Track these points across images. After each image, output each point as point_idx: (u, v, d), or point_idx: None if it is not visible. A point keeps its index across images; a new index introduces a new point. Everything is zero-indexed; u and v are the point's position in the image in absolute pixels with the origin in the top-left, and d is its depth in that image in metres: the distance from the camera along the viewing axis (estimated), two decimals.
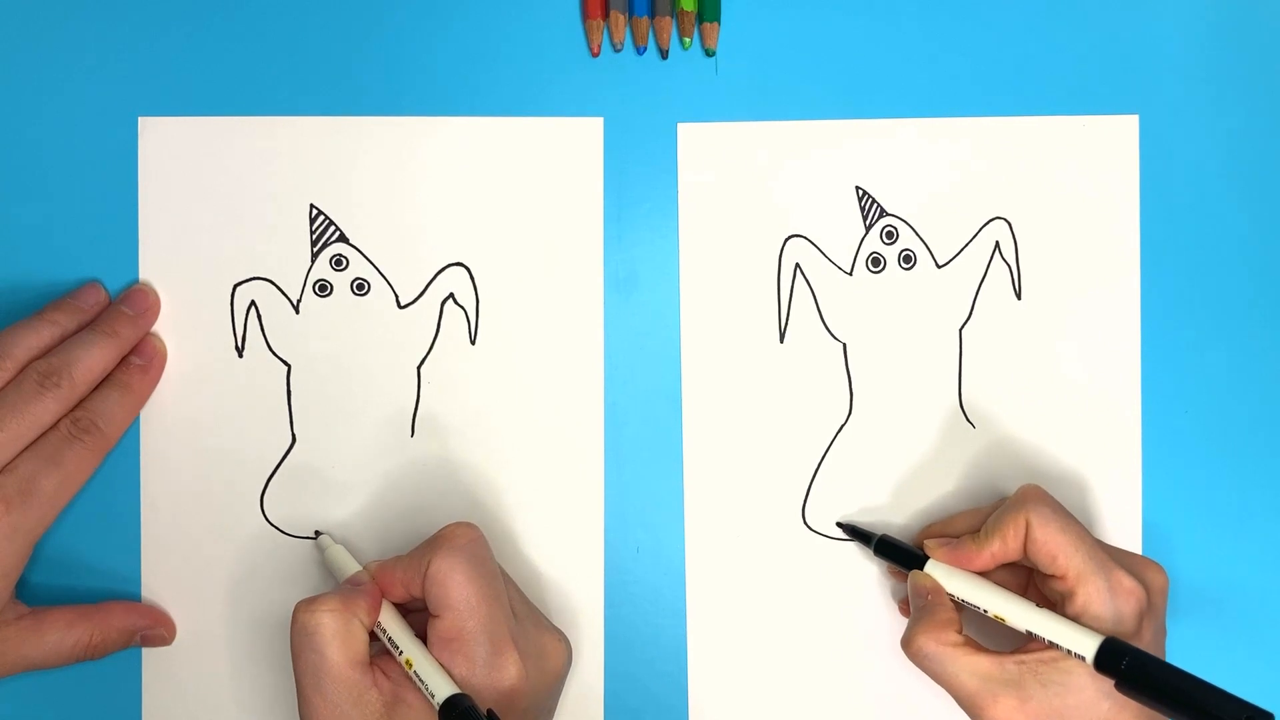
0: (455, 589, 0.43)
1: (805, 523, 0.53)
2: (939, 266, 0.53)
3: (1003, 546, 0.47)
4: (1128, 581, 0.46)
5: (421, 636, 0.45)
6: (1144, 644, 0.45)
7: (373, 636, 0.45)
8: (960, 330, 0.53)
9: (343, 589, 0.45)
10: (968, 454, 0.53)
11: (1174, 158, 0.53)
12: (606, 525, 0.52)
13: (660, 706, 0.52)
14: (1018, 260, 0.53)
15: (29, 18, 0.50)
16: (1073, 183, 0.53)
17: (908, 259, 0.53)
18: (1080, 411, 0.53)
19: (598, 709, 0.52)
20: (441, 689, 0.42)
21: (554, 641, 0.46)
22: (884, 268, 0.53)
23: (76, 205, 0.50)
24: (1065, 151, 0.53)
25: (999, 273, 0.53)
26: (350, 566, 0.48)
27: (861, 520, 0.53)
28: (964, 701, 0.47)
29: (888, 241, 0.53)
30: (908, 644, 0.47)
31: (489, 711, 0.42)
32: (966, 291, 0.53)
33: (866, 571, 0.53)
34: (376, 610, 0.45)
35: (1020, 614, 0.46)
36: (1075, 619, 0.45)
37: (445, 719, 0.42)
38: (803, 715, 0.53)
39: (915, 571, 0.49)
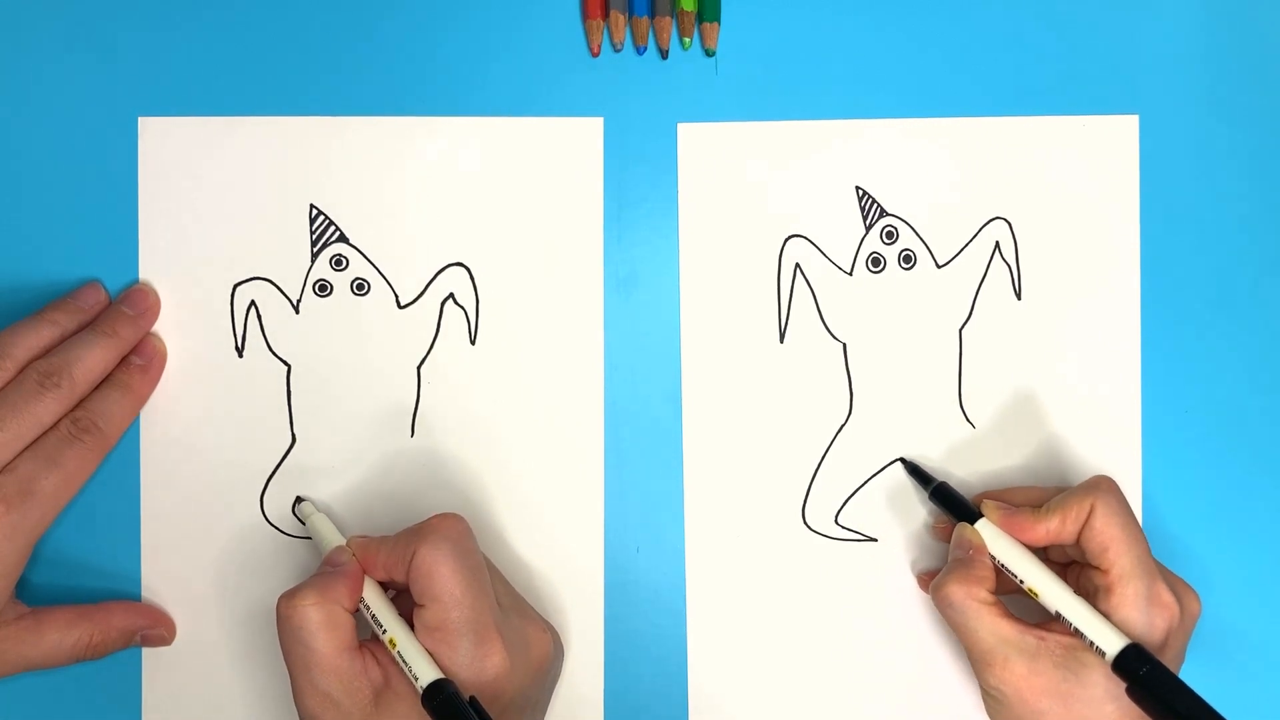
0: (440, 580, 0.44)
1: (805, 523, 0.53)
2: (939, 266, 0.53)
3: (1060, 525, 0.47)
4: (1166, 596, 0.46)
5: (405, 617, 0.45)
6: (1164, 661, 0.45)
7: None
8: (960, 330, 0.53)
9: (322, 574, 0.45)
10: (967, 454, 0.53)
11: (1174, 158, 0.53)
12: (606, 525, 0.52)
13: (660, 706, 0.52)
14: (1018, 260, 0.53)
15: (29, 17, 0.50)
16: (1073, 183, 0.53)
17: (908, 259, 0.53)
18: (1080, 411, 0.53)
19: (598, 709, 0.52)
20: (425, 673, 0.43)
21: (539, 632, 0.46)
22: (884, 268, 0.53)
23: (76, 205, 0.50)
24: (1065, 151, 0.53)
25: (999, 273, 0.53)
26: (332, 538, 0.48)
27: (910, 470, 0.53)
28: (976, 657, 0.47)
29: (888, 241, 0.53)
30: (937, 589, 0.47)
31: (471, 698, 0.42)
32: (966, 291, 0.53)
33: (866, 571, 0.53)
34: (358, 590, 0.45)
35: (1055, 594, 0.46)
36: (1105, 616, 0.45)
37: (428, 703, 0.42)
38: (802, 714, 0.53)
39: (964, 524, 0.49)
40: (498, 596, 0.46)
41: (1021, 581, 0.47)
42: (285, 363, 0.51)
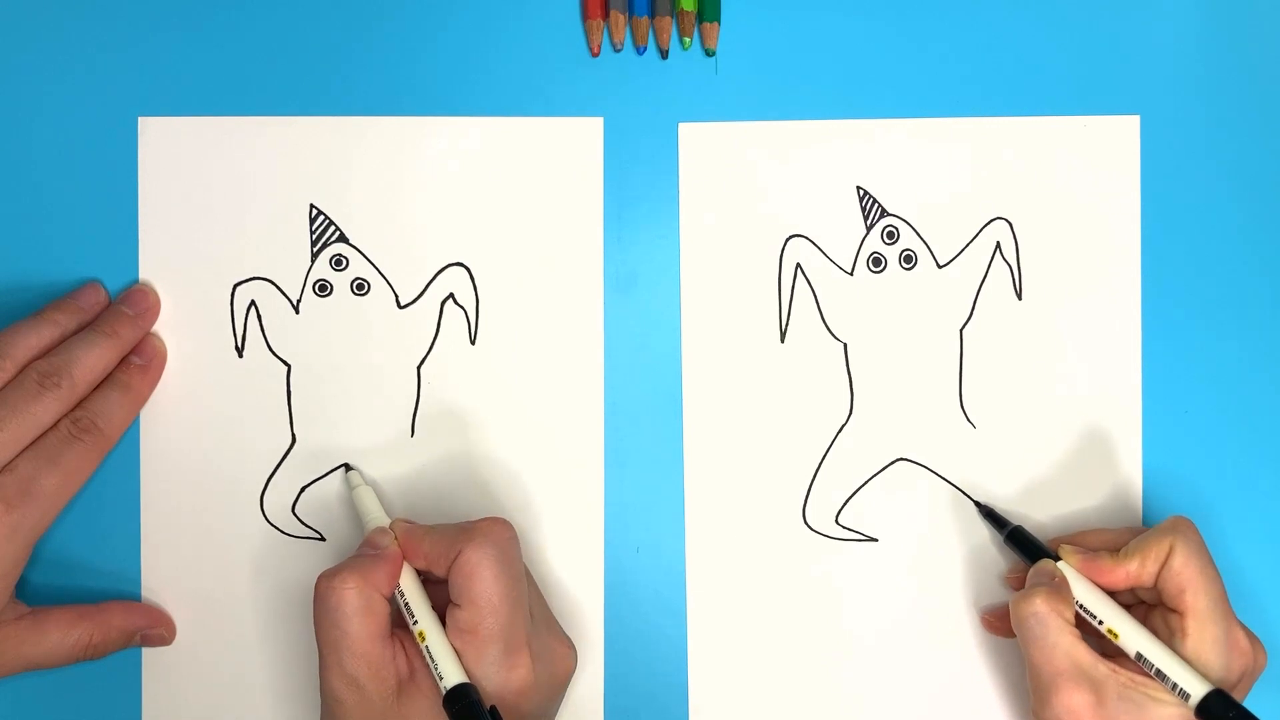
0: (481, 585, 0.43)
1: (805, 523, 0.53)
2: (940, 267, 0.53)
3: (1140, 568, 0.47)
4: (1244, 642, 0.46)
5: (438, 609, 0.45)
6: None
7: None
8: (961, 330, 0.53)
9: (364, 556, 0.45)
10: (968, 454, 0.53)
11: (1174, 158, 0.53)
12: (606, 525, 0.52)
13: (660, 706, 0.52)
14: (1018, 260, 0.53)
15: (29, 17, 0.50)
16: (1073, 183, 0.53)
17: (908, 259, 0.53)
18: (1080, 412, 0.53)
19: (598, 709, 0.52)
20: (451, 674, 0.43)
21: (563, 648, 0.47)
22: (885, 268, 0.53)
23: (76, 205, 0.50)
24: (1066, 152, 0.53)
25: (1000, 273, 0.53)
26: (377, 516, 0.48)
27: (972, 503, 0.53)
28: (1043, 677, 0.46)
29: (888, 241, 0.53)
30: (1025, 598, 0.47)
31: (491, 708, 0.42)
32: (967, 292, 0.53)
33: (866, 571, 0.53)
34: (397, 576, 0.45)
35: (1136, 636, 0.46)
36: (1183, 659, 0.46)
37: (449, 707, 0.42)
38: (802, 715, 0.53)
39: (1047, 559, 0.49)
40: (530, 608, 0.45)
41: (1100, 623, 0.47)
42: (285, 363, 0.51)
